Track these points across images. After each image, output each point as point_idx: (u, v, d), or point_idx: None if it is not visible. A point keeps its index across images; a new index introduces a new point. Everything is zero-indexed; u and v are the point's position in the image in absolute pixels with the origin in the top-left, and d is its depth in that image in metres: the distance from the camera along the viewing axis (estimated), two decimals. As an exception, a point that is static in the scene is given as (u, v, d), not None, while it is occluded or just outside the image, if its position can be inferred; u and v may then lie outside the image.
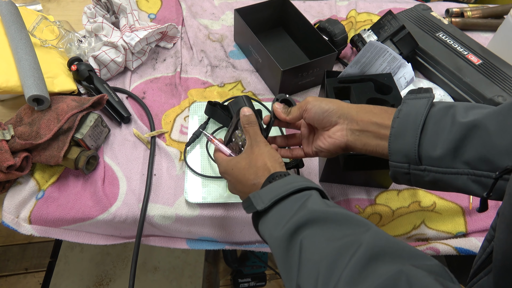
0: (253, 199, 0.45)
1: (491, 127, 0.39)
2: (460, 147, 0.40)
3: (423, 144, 0.42)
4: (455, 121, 0.41)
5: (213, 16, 1.04)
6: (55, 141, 0.67)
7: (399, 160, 0.44)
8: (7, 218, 0.66)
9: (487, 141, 0.39)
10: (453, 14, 1.04)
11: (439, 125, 0.42)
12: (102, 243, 0.70)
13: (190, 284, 1.23)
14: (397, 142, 0.44)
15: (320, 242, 0.38)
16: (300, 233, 0.39)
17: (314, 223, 0.39)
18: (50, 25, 0.84)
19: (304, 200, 0.42)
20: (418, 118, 0.43)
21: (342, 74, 0.73)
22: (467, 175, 0.40)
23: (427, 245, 0.70)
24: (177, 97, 0.84)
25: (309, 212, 0.40)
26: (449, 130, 0.41)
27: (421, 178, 0.44)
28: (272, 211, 0.43)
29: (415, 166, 0.43)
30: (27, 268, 1.40)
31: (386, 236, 0.36)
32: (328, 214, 0.40)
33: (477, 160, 0.39)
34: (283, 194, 0.43)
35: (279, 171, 0.48)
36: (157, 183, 0.71)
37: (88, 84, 0.80)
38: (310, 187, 0.44)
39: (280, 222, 0.41)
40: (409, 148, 0.43)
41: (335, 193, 0.72)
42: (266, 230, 0.44)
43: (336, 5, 1.09)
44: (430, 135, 0.42)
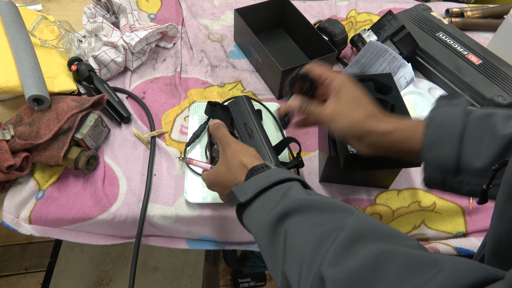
0: (236, 192, 0.45)
1: None
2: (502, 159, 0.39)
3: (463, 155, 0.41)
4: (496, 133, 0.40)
5: (213, 16, 1.04)
6: (55, 141, 0.67)
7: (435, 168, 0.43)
8: (7, 218, 0.66)
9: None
10: (453, 14, 1.04)
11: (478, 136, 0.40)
12: (102, 243, 0.70)
13: (190, 284, 1.23)
14: (432, 152, 0.42)
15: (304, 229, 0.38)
16: (284, 221, 0.39)
17: (298, 211, 0.40)
18: (50, 25, 0.84)
19: (286, 189, 0.42)
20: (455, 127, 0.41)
21: (342, 73, 0.73)
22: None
23: (427, 245, 0.70)
24: (177, 97, 0.84)
25: (292, 200, 0.40)
26: (489, 142, 0.40)
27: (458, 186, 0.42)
28: (255, 202, 0.44)
29: (452, 177, 0.42)
30: (27, 268, 1.40)
31: (368, 219, 0.37)
32: (311, 201, 0.40)
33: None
34: (265, 185, 0.43)
35: (256, 165, 0.48)
36: (157, 183, 0.71)
37: (88, 84, 0.80)
38: (292, 178, 0.45)
39: (263, 211, 0.42)
40: (446, 158, 0.41)
41: (335, 193, 0.72)
42: (250, 220, 0.44)
43: (336, 5, 1.09)
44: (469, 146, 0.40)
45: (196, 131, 0.76)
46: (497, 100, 0.77)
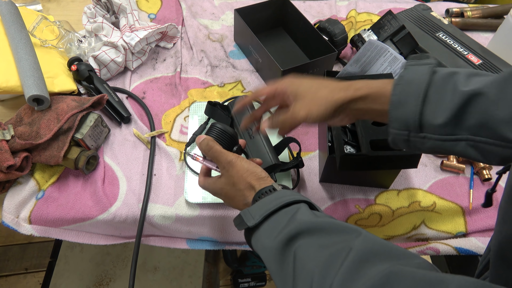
0: (244, 217, 0.45)
1: (492, 96, 0.39)
2: (460, 114, 0.41)
3: (425, 113, 0.42)
4: (457, 90, 0.41)
5: (213, 16, 1.04)
6: (55, 141, 0.67)
7: (399, 127, 0.44)
8: (7, 218, 0.66)
9: (487, 109, 0.39)
10: (453, 14, 1.04)
11: (441, 93, 0.42)
12: (102, 243, 0.70)
13: (190, 284, 1.23)
14: (398, 110, 0.44)
15: (312, 251, 0.38)
16: (293, 244, 0.40)
17: (306, 233, 0.40)
18: (50, 25, 0.84)
19: (293, 212, 0.43)
20: (420, 86, 0.42)
21: (342, 72, 0.73)
22: (466, 141, 0.41)
23: (427, 245, 0.70)
24: (177, 97, 0.84)
25: (300, 223, 0.41)
26: (450, 98, 0.41)
27: (421, 144, 0.44)
28: (263, 226, 0.44)
29: (415, 134, 0.43)
30: (27, 268, 1.40)
31: (375, 239, 0.37)
32: (319, 224, 0.41)
33: (478, 127, 0.40)
34: (273, 209, 0.44)
35: (264, 188, 0.48)
36: (157, 183, 0.71)
37: (88, 84, 0.80)
38: (299, 200, 0.45)
39: (271, 234, 0.42)
40: (410, 116, 0.43)
41: (335, 193, 0.72)
42: (258, 244, 0.44)
43: (336, 5, 1.09)
44: (431, 104, 0.42)
45: (196, 131, 0.76)
46: (497, 100, 0.76)
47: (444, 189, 0.73)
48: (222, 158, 0.51)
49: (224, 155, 0.52)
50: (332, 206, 0.70)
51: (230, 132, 0.55)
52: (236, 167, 0.50)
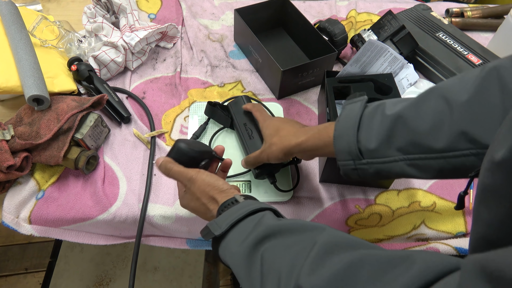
0: (211, 227, 0.47)
1: (411, 115, 0.44)
2: (390, 136, 0.45)
3: (361, 140, 0.47)
4: (384, 115, 0.46)
5: (213, 16, 1.04)
6: (55, 141, 0.66)
7: (345, 158, 0.48)
8: (7, 218, 0.66)
9: (410, 127, 0.44)
10: (453, 14, 1.04)
11: (372, 121, 0.47)
12: (102, 243, 0.70)
13: (190, 284, 1.23)
14: (339, 142, 0.48)
15: (279, 251, 0.40)
16: (260, 247, 0.41)
17: (272, 236, 0.42)
18: (50, 25, 0.84)
19: (259, 218, 0.45)
20: (354, 118, 0.48)
21: (342, 72, 0.73)
22: (403, 161, 0.45)
23: (427, 245, 0.70)
24: (177, 97, 0.84)
25: (266, 227, 0.43)
26: (379, 124, 0.46)
27: (366, 171, 0.48)
28: (229, 234, 0.46)
29: (359, 161, 0.48)
30: (27, 268, 1.40)
31: (339, 233, 0.40)
32: (283, 226, 0.42)
33: (407, 145, 0.44)
34: (238, 217, 0.45)
35: (226, 200, 0.50)
36: (157, 183, 0.71)
37: (88, 84, 0.80)
38: (264, 208, 0.47)
39: (238, 240, 0.44)
40: (350, 146, 0.47)
41: (335, 193, 0.72)
42: (226, 251, 0.46)
43: (336, 5, 1.09)
44: (365, 131, 0.47)
45: (196, 131, 0.76)
46: (497, 100, 0.76)
47: (444, 189, 0.73)
48: (182, 177, 0.54)
49: (183, 174, 0.54)
50: (332, 206, 0.70)
51: (192, 151, 0.55)
52: (197, 182, 0.52)
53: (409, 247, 0.71)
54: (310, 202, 0.70)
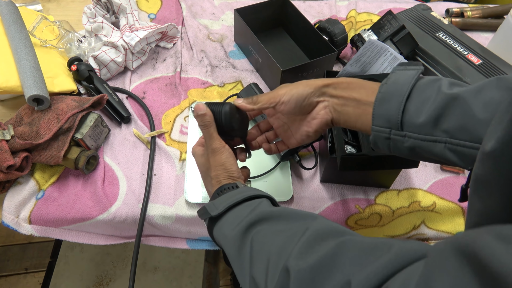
0: (208, 208, 0.48)
1: (473, 100, 0.41)
2: (441, 115, 0.42)
3: (407, 111, 0.44)
4: (440, 92, 0.43)
5: (213, 16, 1.04)
6: (55, 141, 0.66)
7: (382, 124, 0.45)
8: (7, 218, 0.66)
9: (468, 112, 0.40)
10: (453, 14, 1.04)
11: (425, 95, 0.44)
12: (102, 243, 0.70)
13: (190, 284, 1.23)
14: (382, 107, 0.45)
15: (270, 235, 0.41)
16: (250, 230, 0.42)
17: (264, 220, 0.43)
18: (50, 25, 0.84)
19: (255, 205, 0.45)
20: (405, 86, 0.44)
21: (342, 72, 0.73)
22: (444, 143, 0.42)
23: (427, 245, 0.70)
24: (177, 97, 0.84)
25: (260, 212, 0.44)
26: (433, 100, 0.43)
27: (400, 143, 0.45)
28: (225, 216, 0.46)
29: (396, 132, 0.44)
30: (27, 268, 1.40)
31: (330, 223, 0.40)
32: (276, 212, 0.43)
33: (456, 129, 0.41)
34: (236, 201, 0.46)
35: (228, 183, 0.50)
36: (157, 183, 0.71)
37: (88, 84, 0.80)
38: (261, 195, 0.48)
39: (232, 224, 0.44)
40: (392, 114, 0.44)
41: (335, 193, 0.72)
42: (220, 233, 0.46)
43: (336, 5, 1.09)
44: (414, 103, 0.44)
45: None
46: (497, 100, 0.76)
47: (444, 189, 0.73)
48: (209, 142, 0.52)
49: (212, 140, 0.51)
50: (332, 206, 0.70)
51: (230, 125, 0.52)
52: (215, 156, 0.52)
53: (409, 247, 0.71)
54: (310, 202, 0.70)
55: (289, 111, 0.51)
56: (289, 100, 0.50)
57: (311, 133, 0.53)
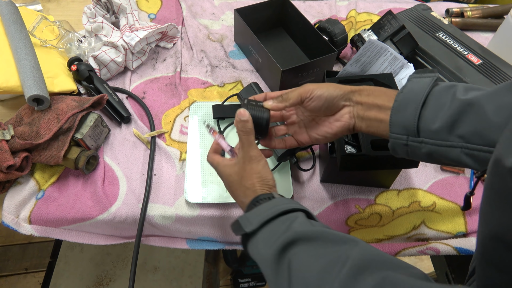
0: (242, 222, 0.46)
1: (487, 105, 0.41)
2: (456, 121, 0.43)
3: (423, 118, 0.44)
4: (455, 98, 0.43)
5: (213, 16, 1.04)
6: (55, 141, 0.66)
7: (399, 131, 0.46)
8: (7, 218, 0.66)
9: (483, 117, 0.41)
10: (453, 14, 1.04)
11: (440, 101, 0.44)
12: (102, 243, 0.70)
13: (190, 284, 1.23)
14: (398, 114, 0.46)
15: (308, 259, 0.39)
16: (288, 251, 0.41)
17: (301, 241, 0.41)
18: (50, 25, 0.84)
19: (291, 221, 0.44)
20: (420, 93, 0.45)
21: (342, 72, 0.73)
22: (460, 148, 0.43)
23: (427, 245, 0.70)
24: (177, 97, 0.84)
25: (296, 232, 0.42)
26: (448, 106, 0.43)
27: (418, 149, 0.46)
28: (260, 233, 0.45)
29: (413, 138, 0.45)
30: (27, 268, 1.40)
31: (372, 250, 0.38)
32: (314, 232, 0.41)
33: (471, 134, 0.42)
34: (270, 216, 0.44)
35: (264, 194, 0.49)
36: (157, 183, 0.71)
37: (88, 84, 0.80)
38: (297, 208, 0.46)
39: (267, 242, 0.43)
40: (409, 121, 0.45)
41: (336, 193, 0.72)
42: (255, 251, 0.45)
43: (336, 5, 1.09)
44: (430, 110, 0.44)
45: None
46: (497, 100, 0.76)
47: (444, 189, 0.73)
48: (248, 149, 0.51)
49: (251, 147, 0.51)
50: (332, 206, 0.70)
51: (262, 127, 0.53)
52: (252, 164, 0.51)
53: (409, 247, 0.71)
54: (310, 202, 0.70)
55: (315, 108, 0.52)
56: (319, 96, 0.51)
57: (329, 135, 0.53)
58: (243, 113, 0.51)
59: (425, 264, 1.40)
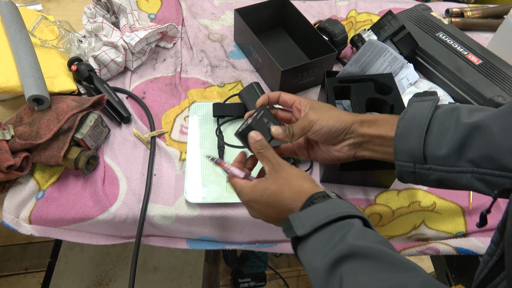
0: (293, 222, 0.43)
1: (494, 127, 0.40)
2: (464, 146, 0.41)
3: (428, 144, 0.43)
4: (459, 122, 0.42)
5: (213, 16, 1.04)
6: (55, 141, 0.66)
7: (405, 159, 0.45)
8: (7, 218, 0.66)
9: (490, 140, 0.40)
10: (453, 14, 1.04)
11: (444, 126, 0.43)
12: (102, 243, 0.70)
13: (190, 284, 1.23)
14: (403, 142, 0.45)
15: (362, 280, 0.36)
16: (339, 266, 0.38)
17: (355, 257, 0.37)
18: (50, 25, 0.84)
19: (346, 230, 0.40)
20: (423, 119, 0.44)
21: (342, 72, 0.73)
22: (471, 173, 0.41)
23: (427, 245, 0.70)
24: (177, 97, 0.84)
25: (350, 245, 0.38)
26: (453, 131, 0.42)
27: (426, 177, 0.44)
28: (312, 238, 0.42)
29: (420, 165, 0.44)
30: (27, 268, 1.40)
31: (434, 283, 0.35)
32: (370, 249, 0.38)
33: (481, 159, 0.40)
34: (324, 221, 0.41)
35: (318, 192, 0.46)
36: (157, 183, 0.71)
37: (88, 84, 0.80)
38: (353, 214, 0.42)
39: (320, 252, 0.40)
40: (414, 148, 0.44)
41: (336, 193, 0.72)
42: (305, 257, 0.42)
43: (336, 5, 1.09)
44: (435, 135, 0.43)
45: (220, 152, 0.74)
46: (497, 100, 0.77)
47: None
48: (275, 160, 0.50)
49: (277, 157, 0.51)
50: (332, 206, 0.70)
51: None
52: (286, 169, 0.49)
53: (409, 247, 0.71)
54: (310, 202, 0.70)
55: (315, 139, 0.53)
56: (318, 130, 0.51)
57: (327, 161, 0.54)
58: (254, 136, 0.51)
59: (425, 264, 1.40)
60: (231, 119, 0.78)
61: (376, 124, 0.49)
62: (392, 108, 0.65)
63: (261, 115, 0.55)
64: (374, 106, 0.68)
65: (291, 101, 0.57)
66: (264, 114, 0.56)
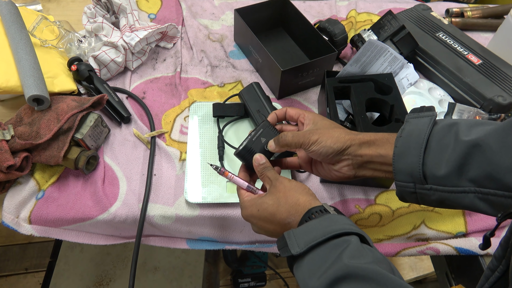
0: (288, 240, 0.43)
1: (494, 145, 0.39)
2: (464, 165, 0.40)
3: (427, 163, 0.42)
4: (458, 140, 0.41)
5: (213, 16, 1.04)
6: (55, 141, 0.67)
7: (405, 179, 0.44)
8: (7, 218, 0.66)
9: (491, 159, 0.38)
10: (453, 14, 1.04)
11: (442, 144, 0.42)
12: (102, 243, 0.70)
13: (190, 284, 1.23)
14: (401, 161, 0.44)
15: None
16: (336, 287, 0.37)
17: (351, 279, 0.37)
18: (50, 25, 0.84)
19: (342, 249, 0.40)
20: (421, 136, 0.43)
21: (342, 72, 0.73)
22: (474, 193, 0.40)
23: (427, 245, 0.70)
24: (177, 97, 0.84)
25: (346, 266, 0.38)
26: (452, 149, 0.41)
27: (427, 197, 0.43)
28: (307, 257, 0.41)
29: (420, 186, 0.43)
30: (27, 268, 1.40)
31: None
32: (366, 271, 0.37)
33: (483, 178, 0.39)
34: (320, 239, 0.41)
35: (316, 207, 0.45)
36: (157, 183, 0.71)
37: (88, 84, 0.80)
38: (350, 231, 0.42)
39: (315, 272, 0.39)
40: (413, 167, 0.43)
41: (336, 193, 0.72)
42: (300, 277, 0.42)
43: (336, 5, 1.09)
44: (433, 154, 0.42)
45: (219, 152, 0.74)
46: (497, 100, 0.77)
47: (444, 189, 0.73)
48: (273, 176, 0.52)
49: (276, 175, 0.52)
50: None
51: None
52: (284, 182, 0.50)
53: (409, 247, 0.71)
54: (310, 202, 0.70)
55: (314, 157, 0.54)
56: (316, 151, 0.51)
57: (330, 179, 0.55)
58: (259, 159, 0.54)
59: (425, 264, 1.40)
60: (233, 119, 0.78)
61: (375, 144, 0.49)
62: (392, 108, 0.65)
63: (259, 134, 0.57)
64: (374, 106, 0.68)
65: (296, 116, 0.58)
66: (263, 132, 0.57)
